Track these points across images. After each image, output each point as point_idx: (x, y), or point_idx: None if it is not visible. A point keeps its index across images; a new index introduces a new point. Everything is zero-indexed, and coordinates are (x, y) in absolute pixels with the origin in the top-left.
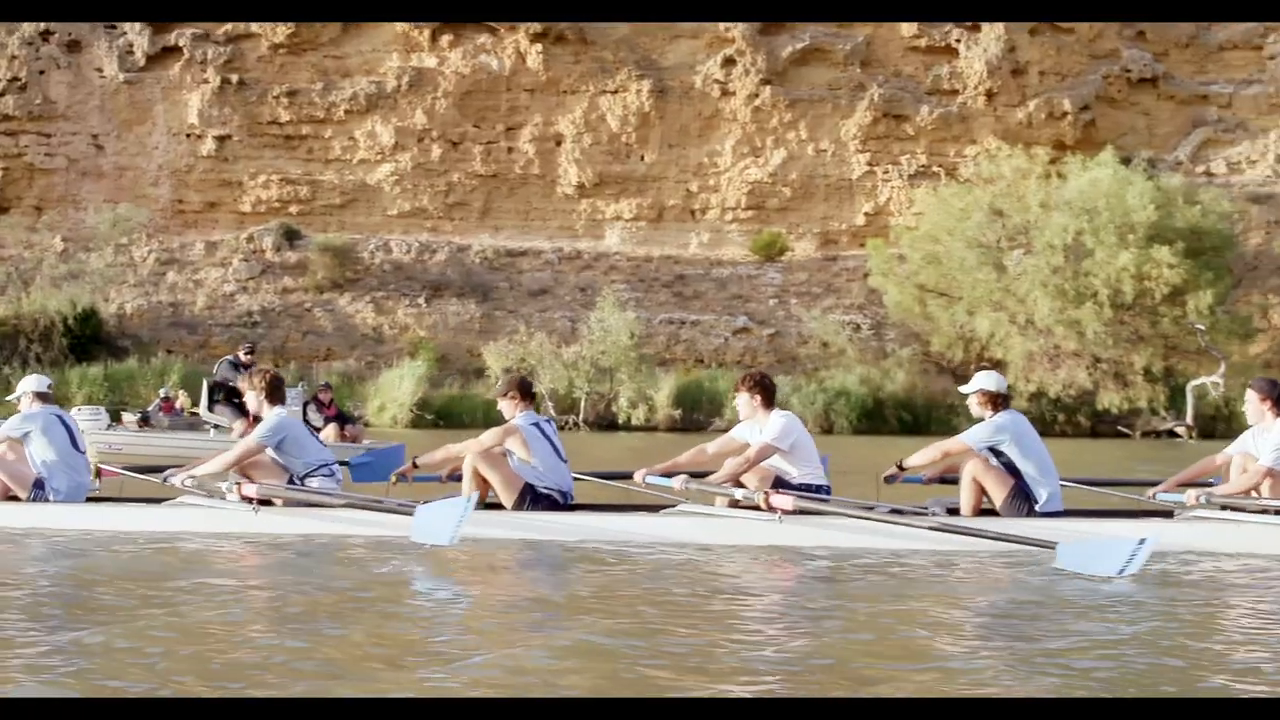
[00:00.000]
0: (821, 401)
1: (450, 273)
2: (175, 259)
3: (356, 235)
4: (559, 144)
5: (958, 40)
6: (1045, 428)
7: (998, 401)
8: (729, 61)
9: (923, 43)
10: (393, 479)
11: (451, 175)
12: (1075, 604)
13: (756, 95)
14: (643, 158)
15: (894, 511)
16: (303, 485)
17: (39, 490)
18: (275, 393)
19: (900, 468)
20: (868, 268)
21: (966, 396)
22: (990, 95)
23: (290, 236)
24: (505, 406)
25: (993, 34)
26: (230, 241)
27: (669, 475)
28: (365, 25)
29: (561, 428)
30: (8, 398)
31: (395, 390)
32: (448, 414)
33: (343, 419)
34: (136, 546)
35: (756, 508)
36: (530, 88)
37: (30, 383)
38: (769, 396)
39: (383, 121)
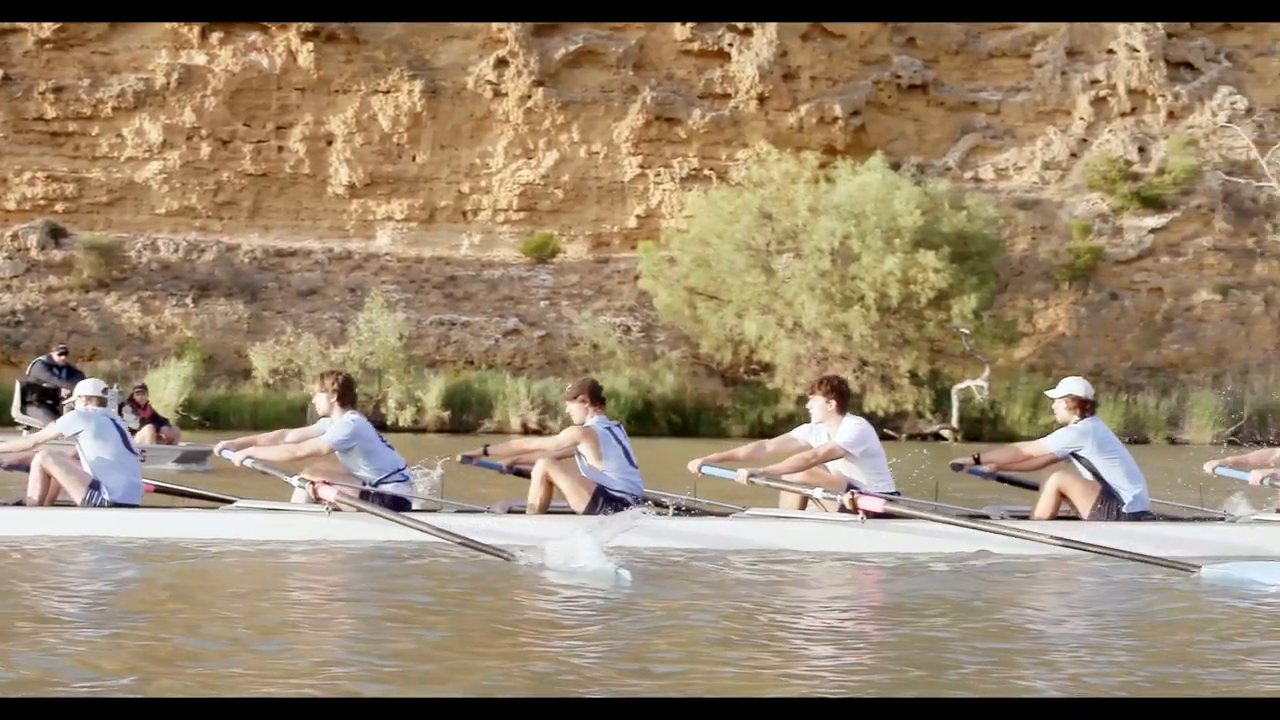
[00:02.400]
0: None
1: (218, 272)
2: None
3: (123, 234)
4: (330, 143)
5: (730, 44)
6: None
7: (1085, 407)
8: (501, 63)
9: (695, 46)
10: (457, 459)
11: (221, 174)
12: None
13: (529, 97)
14: (414, 158)
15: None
16: (376, 490)
17: (95, 491)
18: (346, 395)
19: (976, 460)
20: (638, 270)
21: (1054, 400)
22: (762, 99)
23: (55, 234)
24: (574, 409)
25: (764, 38)
26: None
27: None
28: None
29: None
30: (64, 401)
31: (161, 391)
32: (214, 414)
33: (158, 420)
34: (236, 554)
35: (846, 510)
36: (301, 86)
37: (86, 386)
38: (844, 402)
39: (151, 119)
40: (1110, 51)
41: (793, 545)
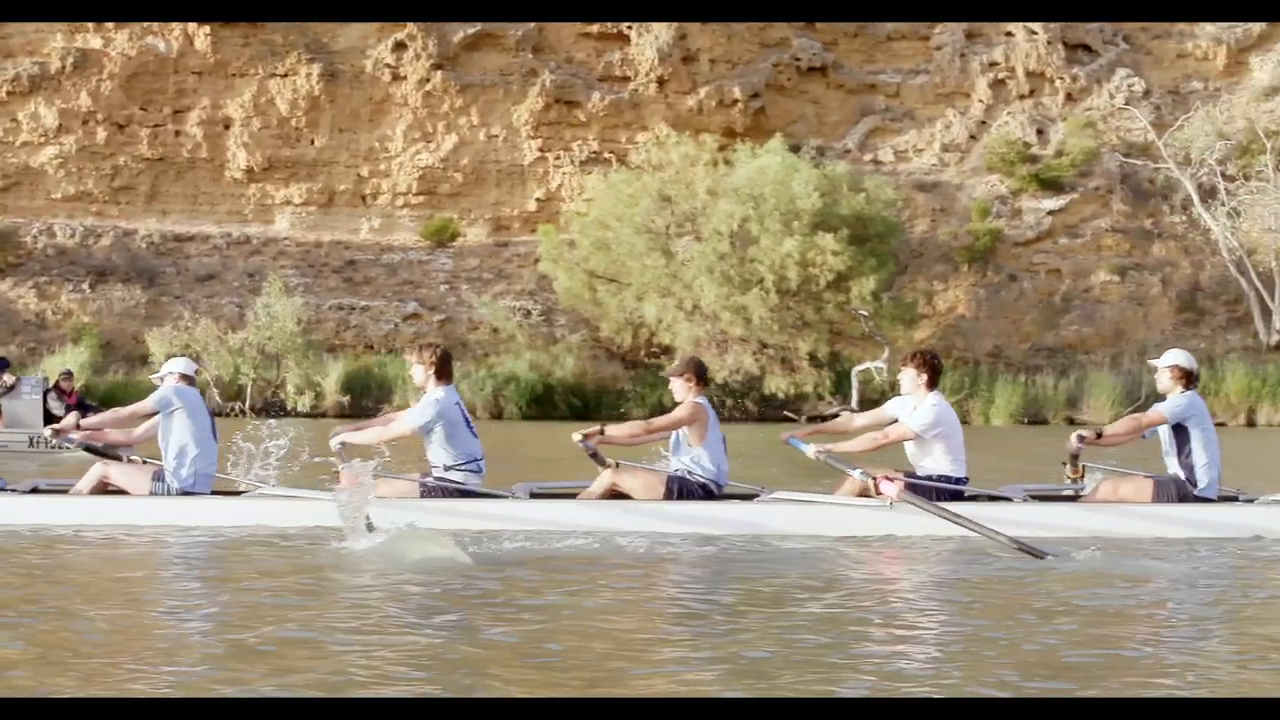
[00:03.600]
0: (491, 387)
1: (116, 257)
2: None
3: (19, 219)
4: (228, 127)
5: (629, 27)
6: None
7: (1190, 378)
8: (400, 46)
9: (594, 29)
10: (577, 438)
11: (118, 158)
12: None
13: (428, 80)
14: (313, 142)
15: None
16: (445, 477)
17: (158, 482)
18: (444, 369)
19: (1098, 435)
20: (538, 254)
21: (1156, 370)
22: (661, 82)
23: None
24: (677, 387)
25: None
26: None
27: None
28: None
29: (226, 414)
30: (151, 376)
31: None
32: (111, 400)
33: (84, 407)
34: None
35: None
36: (198, 70)
37: (179, 364)
38: (935, 377)
39: (46, 103)
40: (1008, 34)
41: (813, 529)
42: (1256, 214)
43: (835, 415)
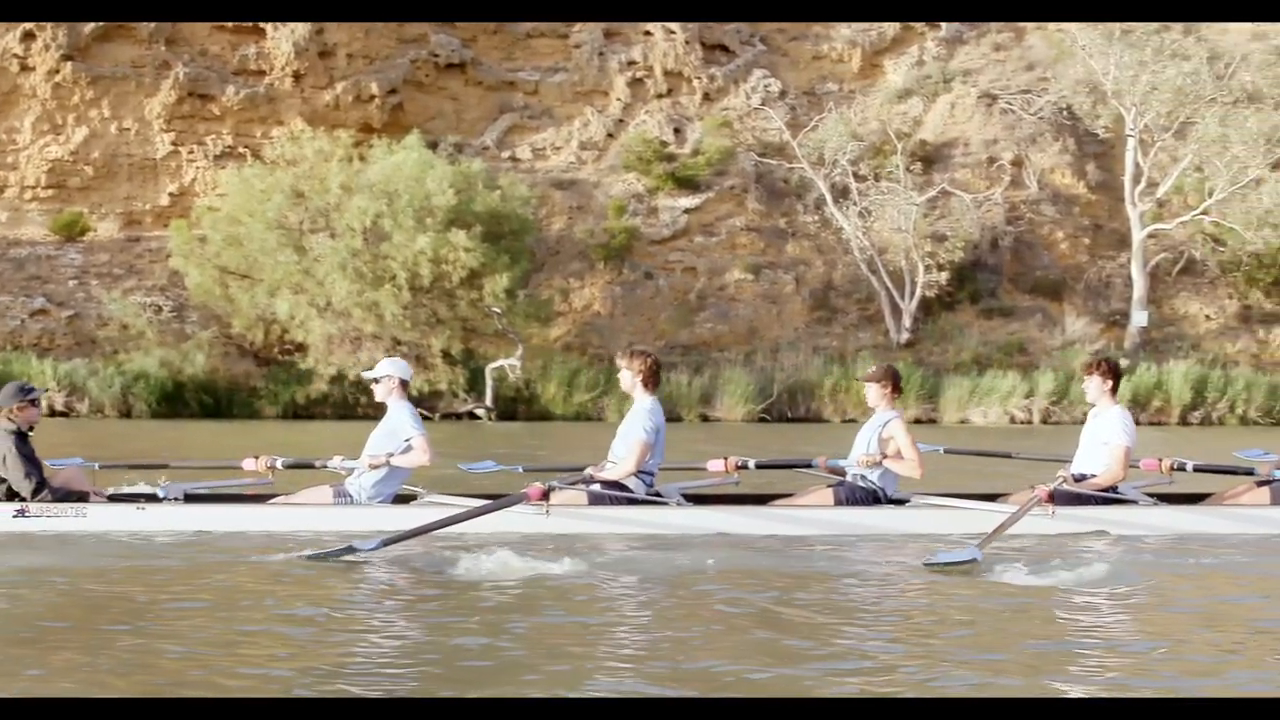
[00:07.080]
0: (120, 385)
1: None
2: None
3: None
4: None
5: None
6: (348, 410)
7: None
8: (29, 36)
9: (229, 22)
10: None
11: None
12: None
13: (58, 71)
14: None
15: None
16: (618, 481)
17: (340, 497)
18: (653, 378)
19: None
20: (170, 249)
21: None
22: (298, 77)
23: None
24: (874, 394)
25: None
26: None
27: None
28: None
29: None
30: (366, 374)
31: None
32: None
33: None
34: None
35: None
36: None
37: (406, 369)
38: (1118, 384)
39: None
40: (647, 34)
41: (953, 530)
42: (887, 214)
43: (470, 414)
